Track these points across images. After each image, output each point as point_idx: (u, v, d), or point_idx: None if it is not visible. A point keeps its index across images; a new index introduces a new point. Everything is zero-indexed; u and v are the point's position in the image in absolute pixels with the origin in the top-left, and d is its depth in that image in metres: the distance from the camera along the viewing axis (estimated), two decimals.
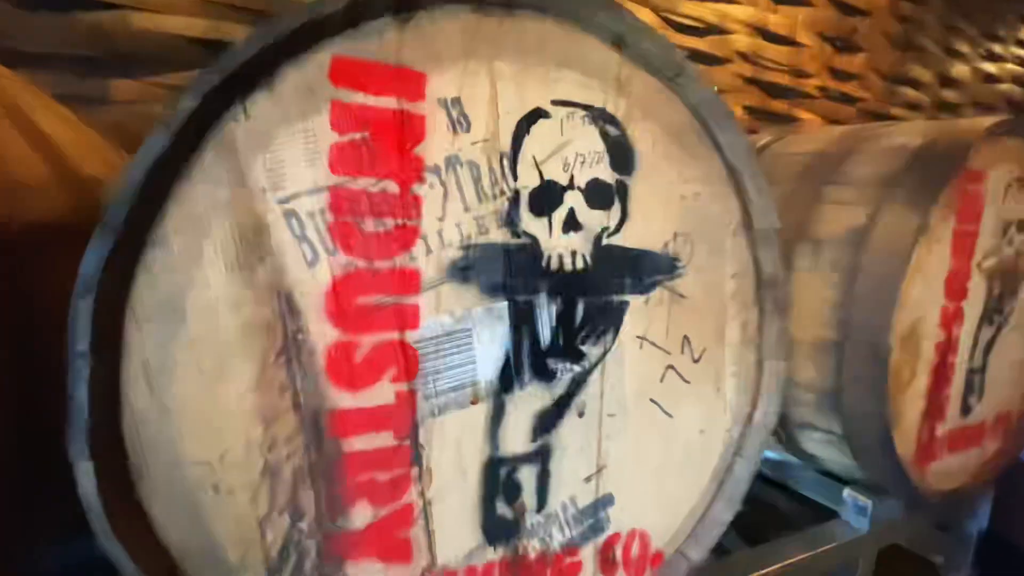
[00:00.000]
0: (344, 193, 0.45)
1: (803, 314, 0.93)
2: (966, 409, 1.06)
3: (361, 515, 0.50)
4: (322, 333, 0.46)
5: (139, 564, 0.41)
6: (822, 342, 0.92)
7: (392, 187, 0.47)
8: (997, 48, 3.73)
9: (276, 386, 0.45)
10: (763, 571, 0.88)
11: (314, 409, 0.47)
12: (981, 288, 1.00)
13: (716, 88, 0.57)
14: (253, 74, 0.40)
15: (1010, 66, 3.87)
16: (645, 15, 2.16)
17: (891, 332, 0.83)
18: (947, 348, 0.97)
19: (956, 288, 0.95)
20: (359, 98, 0.44)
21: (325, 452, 0.47)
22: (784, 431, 1.08)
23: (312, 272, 0.45)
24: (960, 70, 3.52)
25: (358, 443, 0.49)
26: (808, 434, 1.03)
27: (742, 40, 2.49)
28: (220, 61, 0.39)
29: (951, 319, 0.95)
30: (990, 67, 3.74)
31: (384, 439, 0.50)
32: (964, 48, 3.51)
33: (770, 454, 1.23)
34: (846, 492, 1.04)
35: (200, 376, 0.42)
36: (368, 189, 0.46)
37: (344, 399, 0.48)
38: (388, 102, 0.45)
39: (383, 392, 0.49)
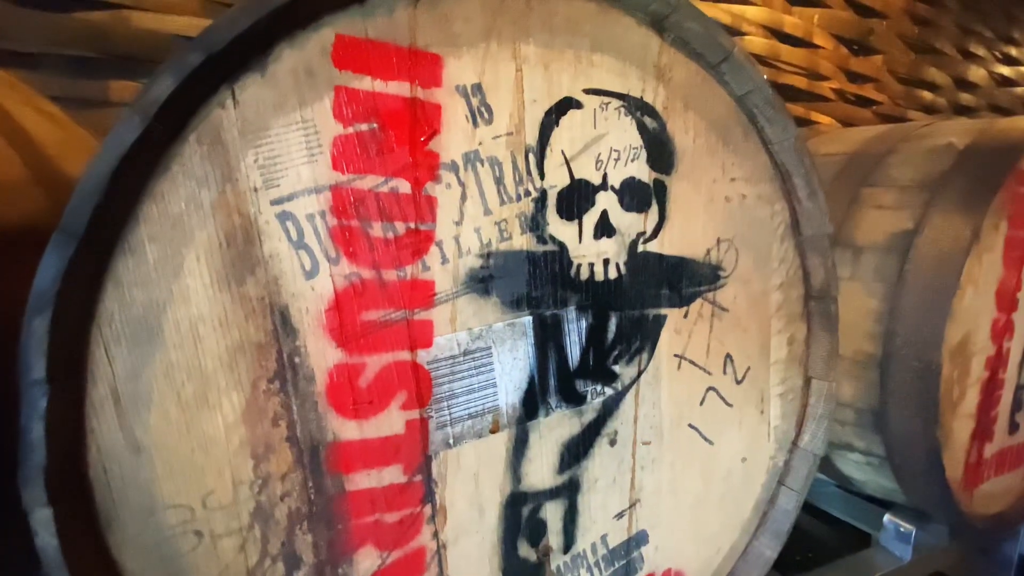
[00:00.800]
0: (348, 193, 0.39)
1: (845, 327, 0.86)
2: (1014, 427, 0.98)
3: (367, 562, 0.43)
4: (322, 354, 0.40)
5: None
6: (864, 357, 0.85)
7: (403, 187, 0.41)
8: (1013, 51, 3.68)
9: (269, 416, 0.39)
10: None
11: (312, 442, 0.40)
12: None
13: (765, 76, 0.50)
14: (243, 53, 0.34)
15: None
16: None
17: (942, 346, 0.76)
18: (997, 363, 0.89)
19: (1007, 299, 0.87)
20: (366, 83, 0.38)
21: (325, 491, 0.41)
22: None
23: (311, 284, 0.39)
24: (977, 73, 3.46)
25: (363, 480, 0.42)
26: (845, 455, 0.95)
27: (757, 42, 2.43)
28: (203, 37, 0.33)
29: (1002, 332, 0.88)
30: (1006, 70, 3.69)
31: (393, 474, 0.43)
32: (980, 51, 3.45)
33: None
34: (887, 518, 0.96)
35: (179, 406, 0.36)
36: (376, 189, 0.40)
37: (347, 429, 0.41)
38: (400, 88, 0.39)
39: (391, 421, 0.43)
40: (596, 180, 0.48)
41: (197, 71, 0.33)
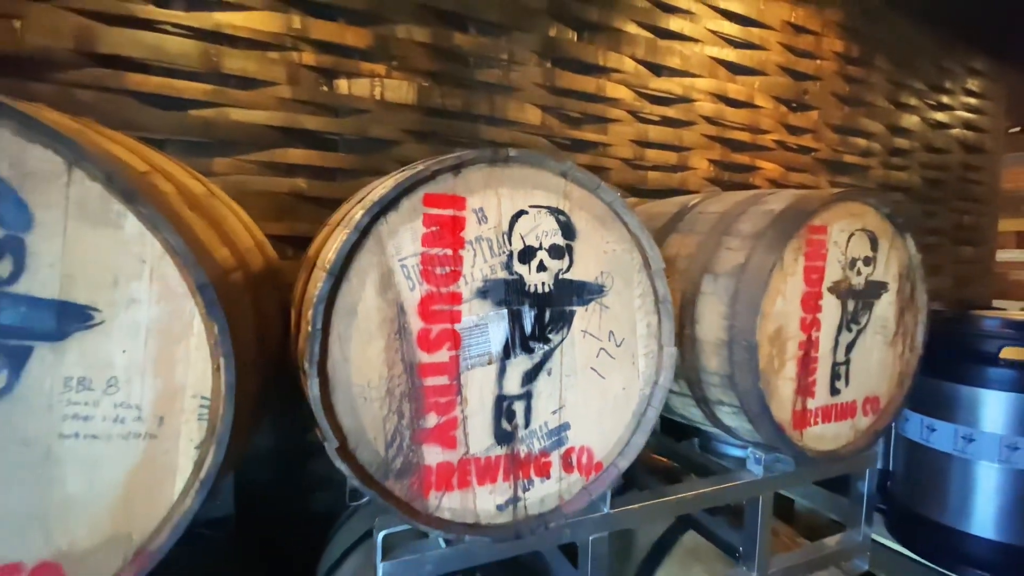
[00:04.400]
0: (427, 256, 0.96)
1: (709, 323, 1.43)
2: (835, 391, 1.53)
3: (431, 420, 0.99)
4: (415, 324, 0.96)
5: (333, 433, 0.90)
6: (719, 341, 1.40)
7: (448, 252, 0.98)
8: (945, 99, 4.26)
9: (394, 350, 0.95)
10: (685, 495, 1.34)
11: (410, 362, 0.97)
12: (834, 305, 1.49)
13: (620, 193, 1.08)
14: (392, 203, 0.92)
15: (960, 113, 4.40)
16: (622, 91, 2.73)
17: (757, 333, 1.32)
18: (809, 346, 1.45)
19: (811, 304, 1.44)
20: (435, 211, 0.96)
21: (415, 384, 0.97)
22: (707, 408, 1.55)
23: (412, 293, 0.95)
24: (910, 120, 4.05)
25: (431, 380, 0.98)
26: (720, 407, 1.50)
27: (706, 106, 3.05)
28: (377, 201, 0.90)
29: (809, 326, 1.44)
30: (940, 115, 4.26)
31: (443, 380, 0.99)
32: (912, 101, 4.04)
33: (711, 429, 1.71)
34: (749, 449, 1.51)
35: (361, 343, 0.92)
36: (438, 253, 0.97)
37: (424, 357, 0.97)
38: (448, 212, 0.97)
39: (443, 355, 0.99)
40: (536, 245, 1.05)
41: (372, 209, 0.90)
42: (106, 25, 1.80)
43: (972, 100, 4.36)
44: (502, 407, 1.05)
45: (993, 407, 1.77)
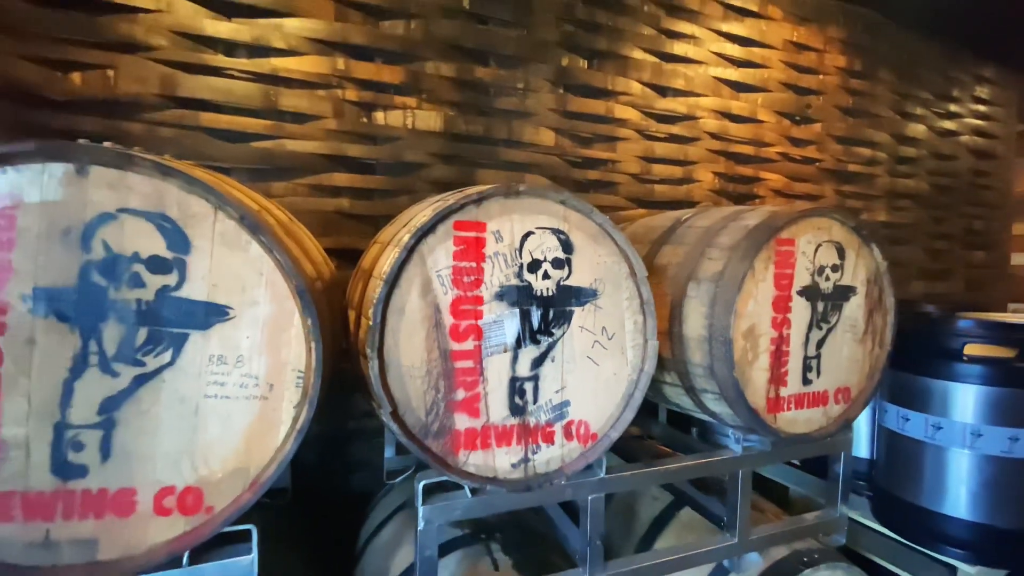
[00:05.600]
0: (458, 267, 1.27)
1: (693, 323, 1.70)
2: (807, 381, 1.79)
3: (460, 394, 1.30)
4: (448, 320, 1.27)
5: (388, 402, 1.21)
6: (702, 338, 1.68)
7: (473, 265, 1.29)
8: (952, 107, 4.41)
9: (432, 339, 1.26)
10: (670, 467, 1.62)
11: (444, 349, 1.27)
12: (804, 306, 1.75)
13: (608, 217, 1.37)
14: (430, 228, 1.23)
15: (969, 120, 4.54)
16: (630, 112, 3.02)
17: (732, 330, 1.60)
18: (780, 341, 1.72)
19: (781, 306, 1.70)
20: (463, 234, 1.27)
21: (448, 367, 1.28)
22: (695, 396, 1.82)
23: (445, 298, 1.27)
24: (916, 129, 4.21)
25: (460, 364, 1.29)
26: (705, 395, 1.77)
27: (710, 123, 3.30)
28: (419, 227, 1.22)
29: (780, 324, 1.71)
30: (948, 124, 4.41)
31: (469, 363, 1.30)
32: (918, 111, 4.21)
33: (704, 417, 1.98)
34: (730, 430, 1.78)
35: (407, 333, 1.24)
36: (465, 266, 1.28)
37: (455, 346, 1.28)
38: (472, 234, 1.28)
39: (469, 344, 1.30)
40: (541, 258, 1.35)
41: (416, 234, 1.21)
42: (185, 73, 2.18)
43: (981, 107, 4.51)
44: (515, 386, 1.35)
45: (960, 398, 2.01)
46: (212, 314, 1.03)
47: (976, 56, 4.42)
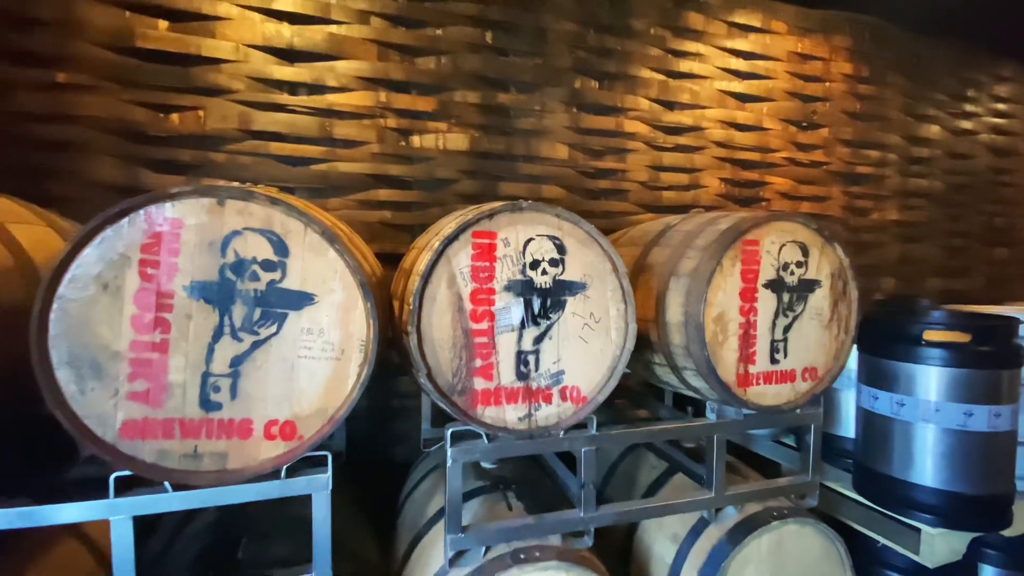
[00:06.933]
0: (475, 266, 1.72)
1: (673, 311, 2.10)
2: (774, 360, 2.16)
3: (478, 363, 1.74)
4: (468, 306, 1.72)
5: (424, 366, 1.67)
6: (680, 323, 2.07)
7: (487, 264, 1.73)
8: (969, 107, 4.58)
9: (456, 321, 1.71)
10: (652, 428, 2.02)
11: (465, 328, 1.73)
12: (770, 297, 2.12)
13: (593, 226, 1.79)
14: (455, 236, 1.69)
15: (987, 119, 4.69)
16: (639, 126, 3.41)
17: (703, 316, 1.98)
18: (748, 327, 2.09)
19: (748, 296, 2.08)
20: (479, 240, 1.72)
21: (469, 341, 1.73)
22: (679, 374, 2.21)
23: (466, 289, 1.72)
24: (929, 130, 4.42)
25: (478, 339, 1.74)
26: (686, 372, 2.16)
27: (716, 133, 3.66)
28: (447, 236, 1.67)
29: (747, 312, 2.08)
30: (964, 123, 4.59)
31: (485, 339, 1.75)
32: (930, 112, 4.41)
33: (690, 394, 2.36)
34: (708, 403, 2.16)
35: (437, 316, 1.69)
36: (481, 265, 1.73)
37: (474, 325, 1.73)
38: (486, 240, 1.72)
39: (484, 325, 1.74)
40: (540, 259, 1.78)
41: (444, 241, 1.67)
42: (258, 110, 2.72)
43: (1000, 105, 4.65)
44: (520, 357, 1.78)
45: (922, 378, 2.34)
46: (303, 300, 1.51)
47: (993, 54, 4.58)
